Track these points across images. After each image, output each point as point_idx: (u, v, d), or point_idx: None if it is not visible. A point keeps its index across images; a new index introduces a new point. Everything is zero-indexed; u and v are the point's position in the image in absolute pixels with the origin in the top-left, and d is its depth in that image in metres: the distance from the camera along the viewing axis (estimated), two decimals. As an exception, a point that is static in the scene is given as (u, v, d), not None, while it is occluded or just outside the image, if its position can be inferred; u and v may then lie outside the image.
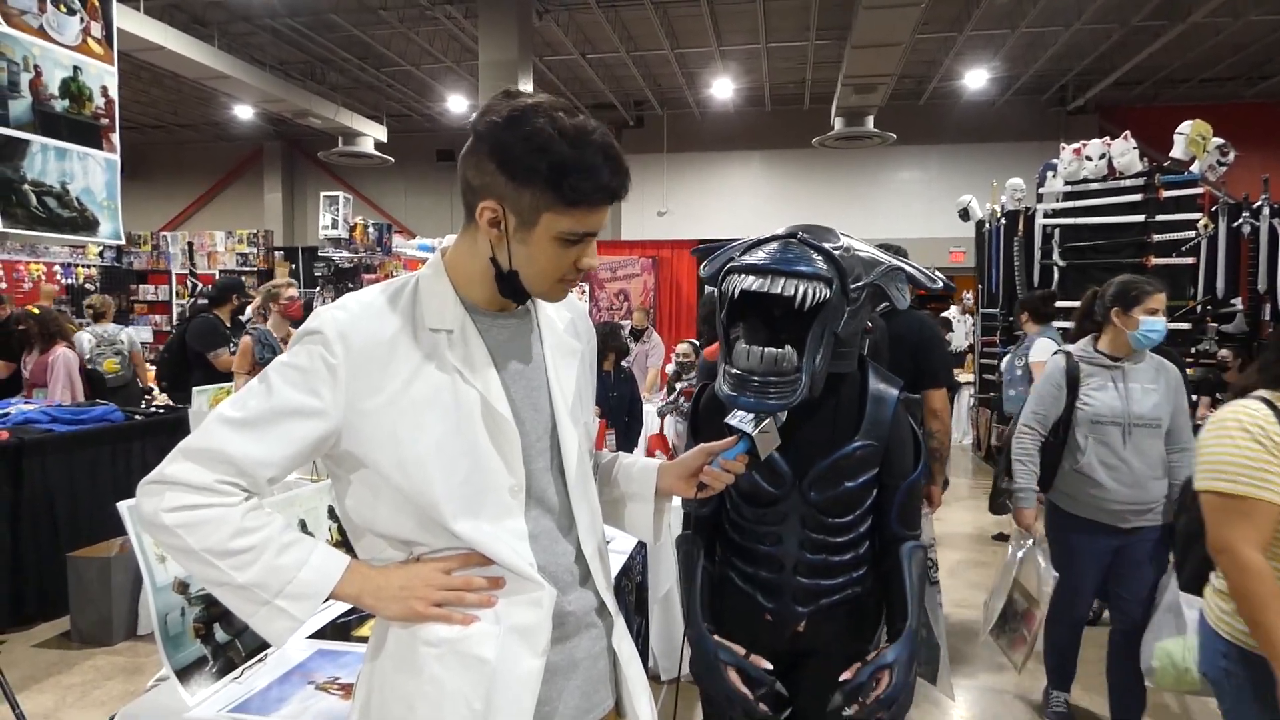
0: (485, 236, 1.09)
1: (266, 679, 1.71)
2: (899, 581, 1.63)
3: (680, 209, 14.27)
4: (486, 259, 1.11)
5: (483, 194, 1.06)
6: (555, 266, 1.09)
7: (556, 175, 1.02)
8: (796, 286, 1.44)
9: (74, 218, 3.24)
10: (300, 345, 1.06)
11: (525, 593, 1.11)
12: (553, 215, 1.05)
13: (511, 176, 1.03)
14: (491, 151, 1.05)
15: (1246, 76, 12.07)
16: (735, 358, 1.48)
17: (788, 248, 1.51)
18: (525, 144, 1.02)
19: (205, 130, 15.43)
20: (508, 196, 1.05)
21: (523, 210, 1.05)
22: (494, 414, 1.09)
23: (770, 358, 1.45)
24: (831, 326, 1.49)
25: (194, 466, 1.01)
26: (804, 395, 1.44)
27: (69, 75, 3.23)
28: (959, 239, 12.17)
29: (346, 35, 10.55)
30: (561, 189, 1.02)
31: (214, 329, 5.01)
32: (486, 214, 1.06)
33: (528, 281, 1.10)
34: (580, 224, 1.06)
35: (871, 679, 1.55)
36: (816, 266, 1.46)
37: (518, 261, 1.09)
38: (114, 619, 3.74)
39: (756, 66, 11.73)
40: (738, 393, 1.45)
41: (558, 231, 1.06)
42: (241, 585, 1.02)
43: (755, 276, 1.47)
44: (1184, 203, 5.99)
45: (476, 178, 1.07)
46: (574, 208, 1.04)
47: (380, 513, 1.10)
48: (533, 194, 1.03)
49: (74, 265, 11.81)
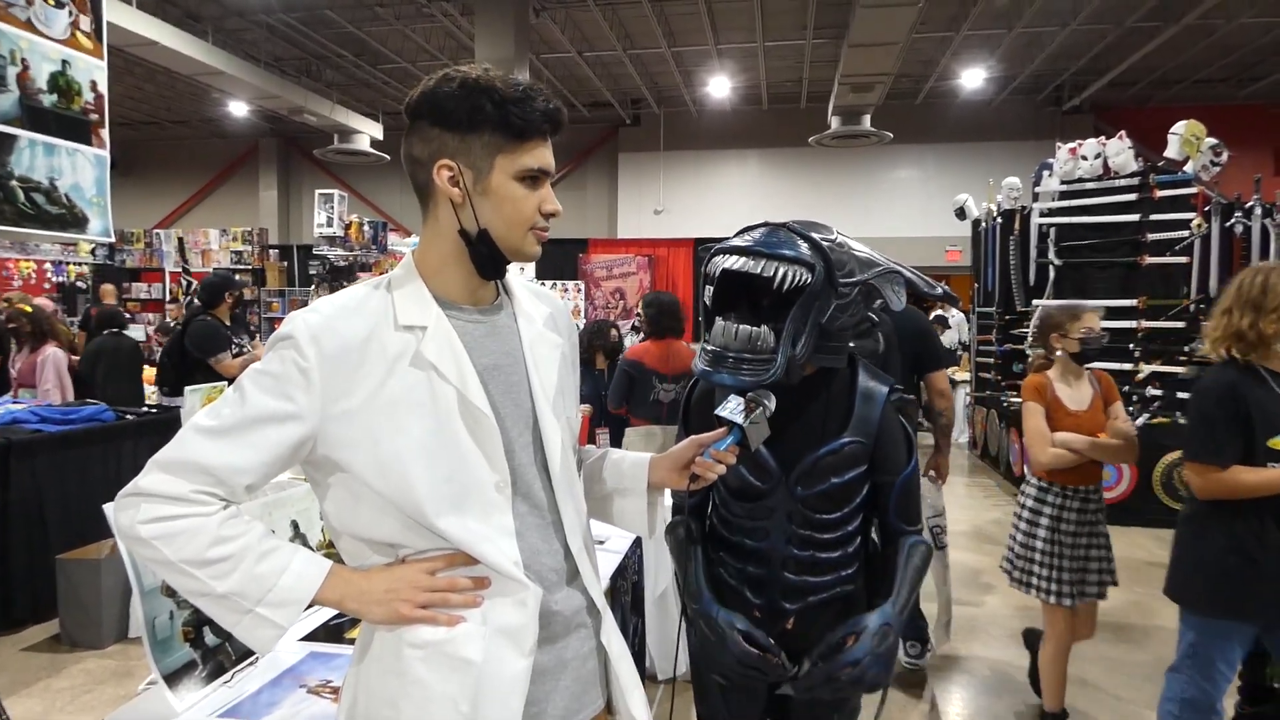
0: (448, 210, 1.11)
1: (257, 683, 1.69)
2: (892, 566, 1.64)
3: (677, 207, 14.26)
4: (454, 234, 1.11)
5: (433, 160, 1.09)
6: (521, 212, 1.11)
7: (501, 110, 1.06)
8: (777, 268, 1.46)
9: (62, 214, 3.20)
10: (273, 351, 1.05)
11: (511, 593, 1.10)
12: (506, 156, 1.08)
13: (456, 127, 1.08)
14: (432, 116, 1.09)
15: (1238, 78, 12.12)
16: (713, 334, 1.52)
17: (775, 232, 1.53)
18: (463, 93, 1.06)
19: (199, 127, 15.36)
20: (458, 151, 1.08)
21: (476, 159, 1.08)
22: (472, 410, 1.08)
23: (745, 334, 1.48)
24: (816, 316, 1.49)
25: (169, 478, 1.00)
26: (778, 376, 1.45)
27: (57, 69, 3.19)
28: (955, 238, 12.19)
29: (342, 32, 10.50)
30: (509, 122, 1.06)
31: (214, 332, 4.74)
32: (444, 173, 1.09)
33: (500, 239, 1.11)
34: (533, 158, 1.10)
35: (843, 639, 1.56)
36: (800, 252, 1.48)
37: (484, 218, 1.10)
38: (104, 622, 3.70)
39: (753, 65, 11.72)
40: (713, 369, 1.48)
41: (514, 170, 1.09)
42: (221, 595, 1.01)
43: (739, 256, 1.50)
44: (1178, 202, 6.02)
45: (423, 148, 1.10)
46: (524, 140, 1.08)
47: (362, 516, 1.08)
48: (482, 138, 1.07)
49: (65, 263, 11.75)
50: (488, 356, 1.13)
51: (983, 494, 7.03)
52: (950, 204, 9.07)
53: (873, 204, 13.62)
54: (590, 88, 12.79)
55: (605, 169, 14.81)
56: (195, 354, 4.70)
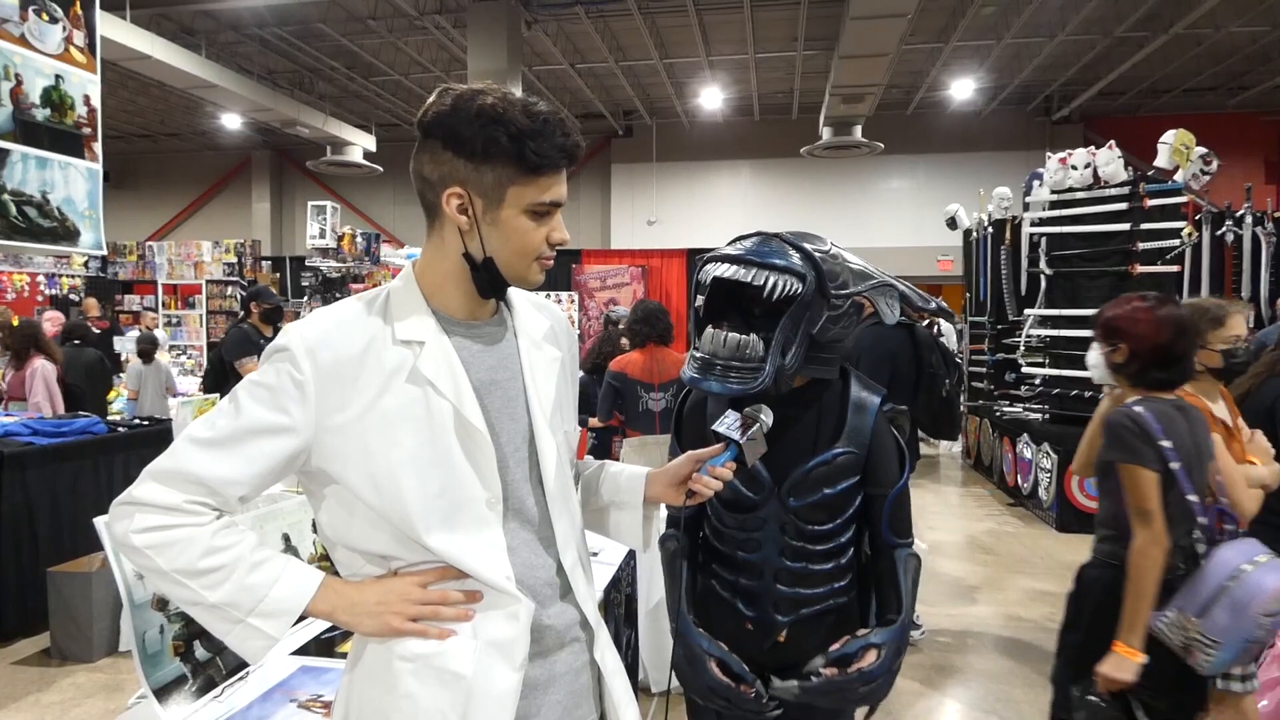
0: (453, 232, 1.09)
1: (248, 697, 1.68)
2: (893, 580, 1.63)
3: (670, 218, 14.30)
4: (458, 256, 1.10)
5: (443, 184, 1.07)
6: (529, 244, 1.09)
7: (517, 144, 1.03)
8: (768, 277, 1.45)
9: (54, 228, 3.20)
10: (269, 363, 1.05)
11: (502, 607, 1.09)
12: (518, 188, 1.06)
13: (470, 156, 1.05)
14: (446, 140, 1.06)
15: (1227, 87, 12.22)
16: (703, 342, 1.51)
17: (766, 242, 1.53)
18: (479, 121, 1.03)
19: (192, 139, 15.37)
20: (470, 179, 1.06)
21: (487, 189, 1.06)
22: (466, 426, 1.08)
23: (734, 342, 1.48)
24: (807, 327, 1.49)
25: (162, 488, 1.00)
26: (767, 385, 1.45)
27: (50, 84, 3.20)
28: (947, 247, 12.25)
29: (335, 45, 10.53)
30: (524, 156, 1.04)
31: (245, 338, 5.09)
32: (454, 201, 1.07)
33: (504, 267, 1.10)
34: (546, 192, 1.08)
35: (859, 651, 1.56)
36: (791, 261, 1.47)
37: (491, 246, 1.08)
38: (95, 635, 3.68)
39: (745, 76, 11.78)
40: (701, 376, 1.48)
41: (526, 204, 1.07)
42: (214, 604, 1.01)
43: (730, 265, 1.49)
44: (1168, 211, 6.05)
45: (434, 170, 1.07)
46: (538, 174, 1.06)
47: (355, 528, 1.08)
48: (495, 169, 1.05)
49: (58, 275, 11.70)
50: (485, 372, 1.13)
51: (975, 504, 7.05)
52: (941, 214, 9.12)
53: (864, 214, 13.69)
54: (582, 99, 12.85)
55: (598, 180, 14.86)
56: (226, 358, 5.10)
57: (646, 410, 4.29)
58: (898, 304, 1.61)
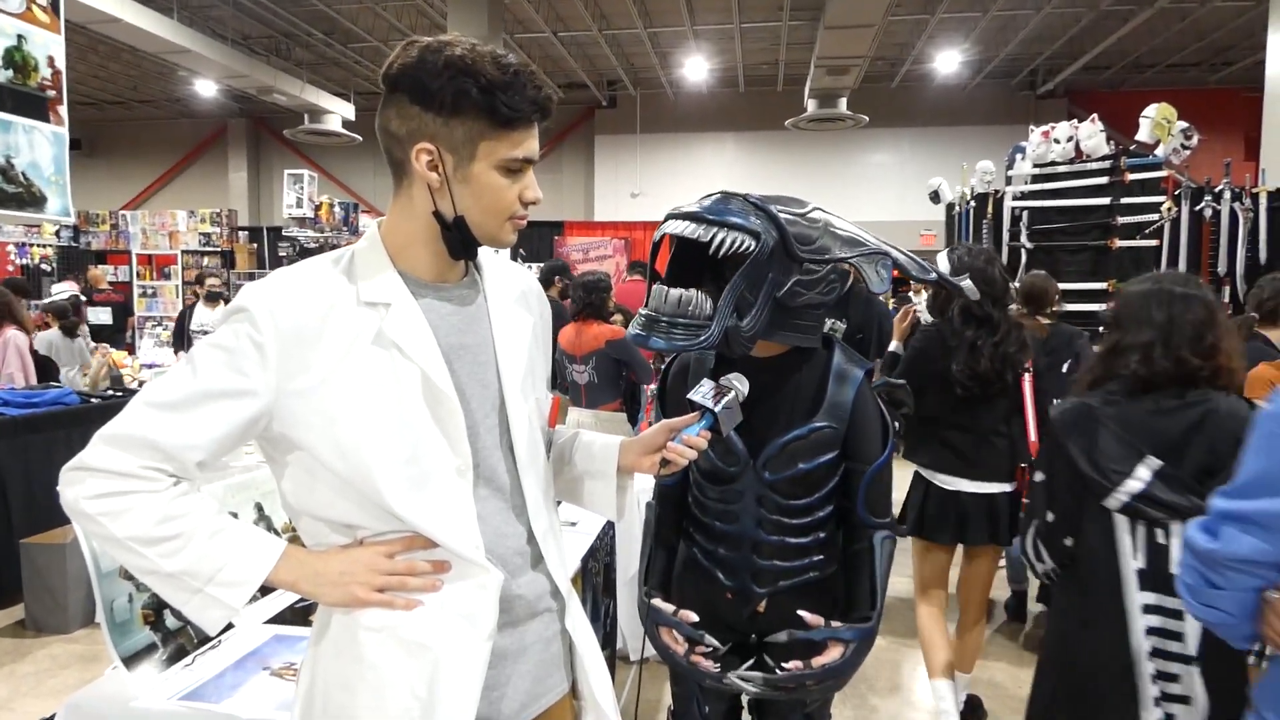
0: (422, 190, 1.06)
1: (220, 665, 1.67)
2: (869, 569, 1.59)
3: (653, 190, 14.18)
4: (428, 215, 1.07)
5: (411, 140, 1.03)
6: (501, 201, 1.06)
7: (488, 96, 1.00)
8: (716, 233, 1.41)
9: (19, 193, 3.12)
10: (226, 324, 1.01)
11: (471, 577, 1.07)
12: (490, 142, 1.03)
13: (439, 110, 1.01)
14: (413, 93, 1.02)
15: (1210, 63, 12.24)
16: (650, 298, 1.48)
17: (727, 200, 1.48)
18: (448, 73, 1.00)
19: (166, 107, 15.02)
20: (439, 134, 1.02)
21: (457, 145, 1.03)
22: (435, 391, 1.05)
23: (676, 298, 1.44)
24: (770, 289, 1.45)
25: (116, 452, 0.97)
26: (713, 343, 1.42)
27: (12, 44, 3.10)
28: (930, 221, 12.23)
29: (312, 9, 10.29)
30: (496, 109, 1.01)
31: None
32: (423, 157, 1.03)
33: (476, 226, 1.07)
34: (518, 147, 1.05)
35: (826, 643, 1.55)
36: (748, 221, 1.42)
37: (462, 205, 1.05)
38: (70, 606, 3.66)
39: (730, 47, 11.65)
40: (646, 333, 1.44)
41: (498, 160, 1.04)
42: (170, 573, 0.98)
43: (685, 221, 1.45)
44: (1148, 186, 6.07)
45: (401, 125, 1.04)
46: (510, 128, 1.03)
47: (318, 496, 1.06)
48: (465, 124, 1.02)
49: (29, 245, 11.48)
50: (454, 335, 1.10)
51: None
52: (925, 187, 9.11)
53: (848, 187, 13.63)
54: (566, 68, 12.66)
55: (581, 151, 14.70)
56: None
57: (573, 382, 4.27)
58: (889, 272, 1.57)
